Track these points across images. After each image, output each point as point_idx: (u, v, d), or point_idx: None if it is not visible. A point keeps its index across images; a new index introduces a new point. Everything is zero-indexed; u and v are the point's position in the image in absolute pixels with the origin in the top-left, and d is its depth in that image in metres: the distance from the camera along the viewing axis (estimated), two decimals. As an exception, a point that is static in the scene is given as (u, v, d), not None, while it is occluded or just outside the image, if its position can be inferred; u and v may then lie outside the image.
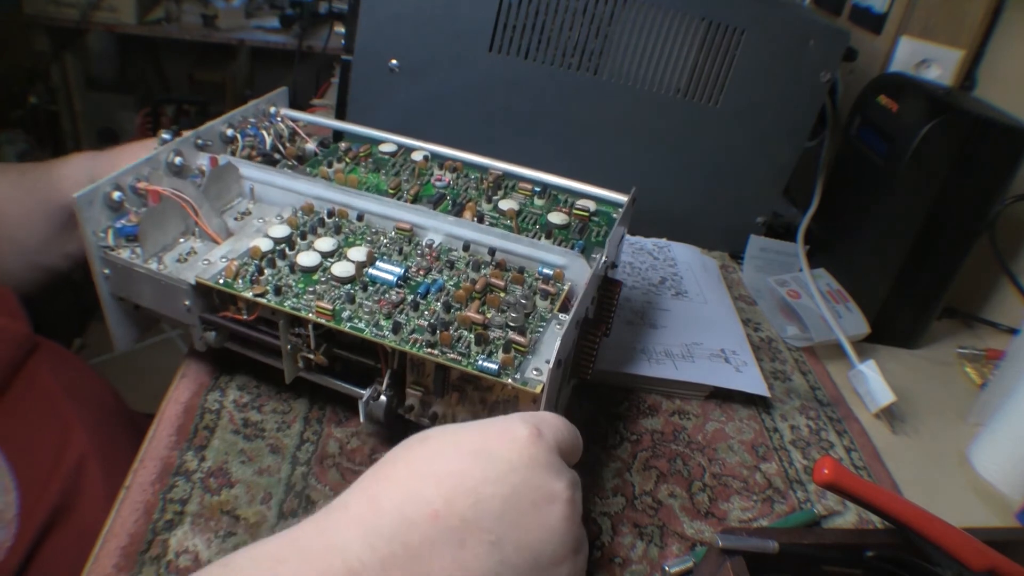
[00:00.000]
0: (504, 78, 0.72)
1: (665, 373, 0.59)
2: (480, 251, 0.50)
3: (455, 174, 0.59)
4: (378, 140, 0.62)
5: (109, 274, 0.48)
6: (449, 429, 0.36)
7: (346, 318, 0.44)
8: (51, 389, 0.56)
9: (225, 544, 0.41)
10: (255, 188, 0.54)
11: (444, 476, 0.33)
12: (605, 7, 0.70)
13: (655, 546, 0.47)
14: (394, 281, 0.46)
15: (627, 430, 0.56)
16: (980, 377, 0.73)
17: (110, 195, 0.47)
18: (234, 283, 0.45)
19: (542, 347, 0.43)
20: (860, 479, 0.38)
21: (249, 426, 0.49)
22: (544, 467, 0.35)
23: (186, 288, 0.46)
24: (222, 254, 0.48)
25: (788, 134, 0.77)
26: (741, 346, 0.64)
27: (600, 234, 0.54)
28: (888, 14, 0.86)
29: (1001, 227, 0.75)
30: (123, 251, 0.47)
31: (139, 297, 0.48)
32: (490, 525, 0.32)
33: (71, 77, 2.19)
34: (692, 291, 0.72)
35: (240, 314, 0.47)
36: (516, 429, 0.35)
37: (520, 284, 0.47)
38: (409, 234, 0.51)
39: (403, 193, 0.55)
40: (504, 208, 0.54)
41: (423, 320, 0.44)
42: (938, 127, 0.66)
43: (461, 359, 0.41)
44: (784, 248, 0.80)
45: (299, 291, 0.45)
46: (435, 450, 0.35)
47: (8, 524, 0.47)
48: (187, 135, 0.54)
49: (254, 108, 0.60)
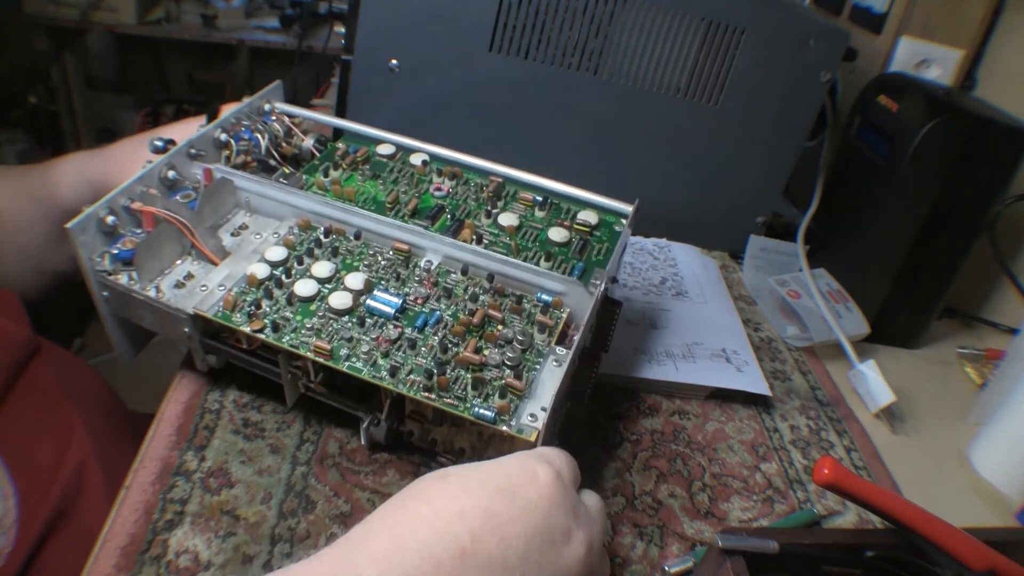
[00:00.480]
0: (504, 78, 0.72)
1: (666, 375, 0.59)
2: (479, 274, 0.49)
3: (455, 181, 0.57)
4: (376, 140, 0.60)
5: (108, 296, 0.48)
6: (470, 468, 0.36)
7: (344, 356, 0.43)
8: (52, 393, 0.56)
9: (225, 544, 0.41)
10: (251, 200, 0.53)
11: (471, 514, 0.33)
12: (605, 7, 0.69)
13: (655, 546, 0.47)
14: (392, 313, 0.46)
15: (627, 430, 0.56)
16: (980, 377, 0.73)
17: (103, 220, 0.46)
18: (232, 315, 0.45)
19: (538, 389, 0.43)
20: (860, 479, 0.38)
21: (249, 426, 0.49)
22: (562, 508, 0.35)
23: (185, 318, 0.45)
24: (220, 280, 0.47)
25: (788, 134, 0.77)
26: (742, 346, 0.64)
27: (601, 251, 0.53)
28: (888, 14, 0.86)
29: (1001, 227, 0.75)
30: (121, 276, 0.47)
31: (140, 320, 0.48)
32: (515, 564, 0.33)
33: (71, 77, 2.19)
34: (692, 291, 0.72)
35: (240, 343, 0.47)
36: (537, 469, 0.36)
37: (518, 314, 0.47)
38: (407, 255, 0.50)
39: (401, 207, 0.54)
40: (504, 224, 0.53)
41: (421, 358, 0.44)
42: (938, 127, 0.66)
43: (458, 404, 0.41)
44: (784, 248, 0.80)
45: (297, 325, 0.45)
46: (459, 488, 0.35)
47: (7, 530, 0.47)
48: (180, 145, 0.52)
49: (248, 106, 0.58)
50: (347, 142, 0.61)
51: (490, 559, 0.32)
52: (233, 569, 0.40)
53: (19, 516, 0.48)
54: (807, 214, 0.81)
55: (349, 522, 0.44)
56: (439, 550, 0.32)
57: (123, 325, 0.51)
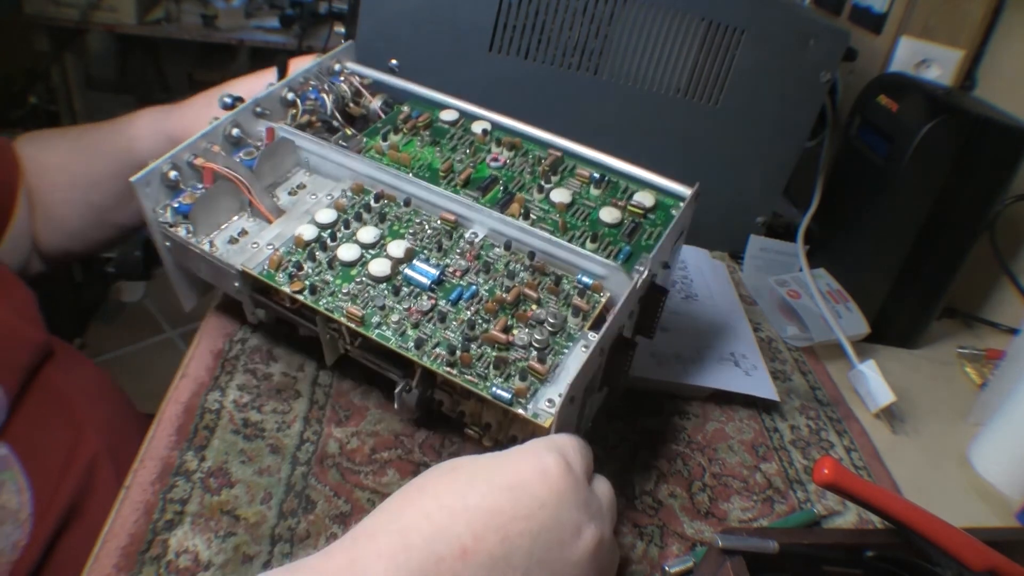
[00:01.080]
0: (504, 78, 0.72)
1: (675, 377, 0.59)
2: (521, 250, 0.49)
3: (513, 152, 0.56)
4: (440, 104, 0.59)
5: (170, 247, 0.51)
6: (479, 461, 0.36)
7: (375, 324, 0.45)
8: (64, 391, 0.57)
9: (225, 544, 0.41)
10: (311, 160, 0.55)
11: (474, 512, 0.33)
12: (605, 7, 0.69)
13: (655, 546, 0.47)
14: (427, 284, 0.46)
15: (627, 430, 0.56)
16: (980, 377, 0.73)
17: (166, 174, 0.49)
18: (276, 275, 0.47)
19: (562, 374, 0.42)
20: (860, 479, 0.38)
21: (249, 426, 0.49)
22: (572, 503, 0.35)
23: (235, 272, 0.48)
24: (271, 238, 0.50)
25: (788, 134, 0.77)
26: (750, 349, 0.64)
27: (652, 236, 0.51)
28: (888, 14, 0.86)
29: (1001, 227, 0.75)
30: (180, 228, 0.49)
31: (197, 270, 0.51)
32: (518, 562, 0.32)
33: (71, 77, 2.18)
34: (702, 294, 0.72)
35: (283, 302, 0.49)
36: (546, 462, 0.35)
37: (555, 295, 0.47)
38: (453, 225, 0.50)
39: (455, 176, 0.53)
40: (555, 200, 0.52)
41: (450, 332, 0.44)
42: (938, 127, 0.66)
43: (478, 382, 0.42)
44: (784, 248, 0.80)
45: (335, 289, 0.46)
46: (466, 484, 0.34)
47: (23, 523, 0.48)
48: (247, 103, 0.54)
49: (317, 66, 0.58)
50: (412, 106, 0.60)
51: (492, 558, 0.32)
52: (233, 569, 0.40)
53: (34, 510, 0.49)
54: (807, 214, 0.81)
55: (349, 522, 0.44)
56: (441, 548, 0.32)
57: (184, 274, 0.54)
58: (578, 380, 0.39)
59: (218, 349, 0.54)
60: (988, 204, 0.69)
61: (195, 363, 0.53)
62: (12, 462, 0.49)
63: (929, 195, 0.68)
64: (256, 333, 0.56)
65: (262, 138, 0.54)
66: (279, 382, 0.53)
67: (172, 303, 0.57)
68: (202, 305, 0.58)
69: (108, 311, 2.04)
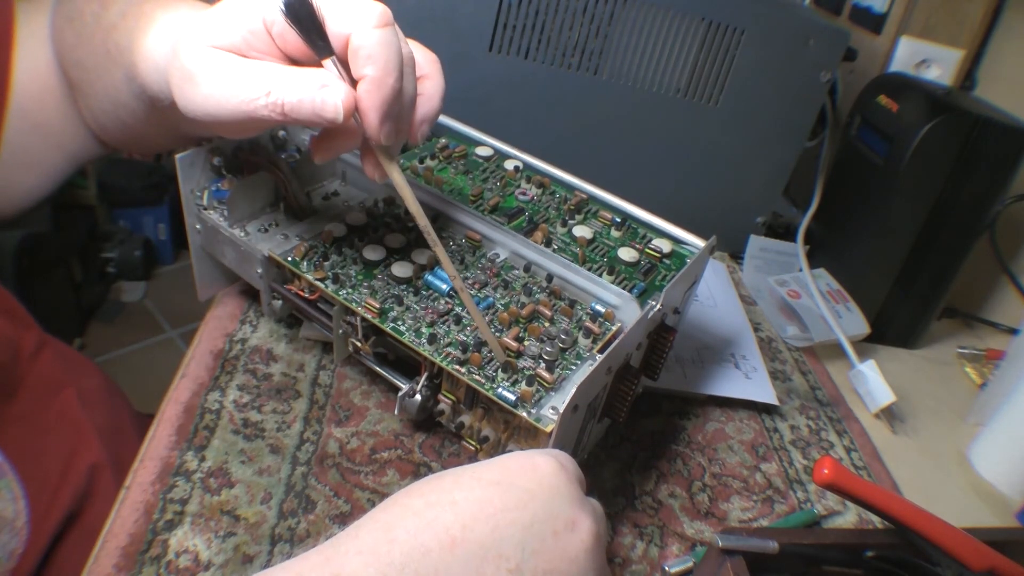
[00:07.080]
0: (504, 78, 0.72)
1: (675, 380, 0.59)
2: (540, 273, 0.50)
3: (541, 190, 0.58)
4: (476, 141, 0.62)
5: (200, 229, 0.52)
6: (467, 466, 0.35)
7: (391, 318, 0.45)
8: (61, 393, 0.56)
9: (225, 544, 0.41)
10: (347, 172, 0.57)
11: (463, 503, 0.32)
12: (605, 7, 0.69)
13: (655, 546, 0.47)
14: (447, 291, 0.47)
15: (627, 430, 0.56)
16: (980, 377, 0.73)
17: (211, 159, 0.51)
18: (300, 263, 0.48)
19: (568, 386, 0.43)
20: (860, 479, 0.38)
21: (249, 426, 0.49)
22: (565, 496, 0.34)
23: (260, 258, 0.49)
24: (299, 232, 0.51)
25: (788, 134, 0.77)
26: (751, 350, 0.64)
27: (666, 279, 0.52)
28: (888, 14, 0.86)
29: (1001, 227, 0.75)
30: (214, 212, 0.51)
31: (222, 256, 0.52)
32: (509, 552, 0.31)
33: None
34: (703, 295, 0.72)
35: (303, 291, 0.49)
36: (537, 460, 0.35)
37: (568, 316, 0.47)
38: (477, 244, 0.52)
39: (483, 202, 0.55)
40: (577, 235, 0.53)
41: (462, 335, 0.45)
42: (938, 127, 0.66)
43: (485, 382, 0.42)
44: (784, 248, 0.80)
45: (356, 283, 0.47)
46: (452, 482, 0.34)
47: (19, 531, 0.47)
48: None
49: None
50: (449, 138, 0.62)
51: (482, 547, 0.31)
52: (233, 569, 0.40)
53: (30, 518, 0.48)
54: (807, 214, 0.81)
55: (349, 522, 0.44)
56: (427, 539, 0.31)
57: (207, 262, 0.55)
58: (584, 389, 0.38)
59: (218, 349, 0.54)
60: (988, 204, 0.69)
61: (195, 363, 0.53)
62: (6, 469, 0.48)
63: (929, 195, 0.68)
64: (256, 333, 0.56)
65: (305, 144, 0.56)
66: (279, 382, 0.53)
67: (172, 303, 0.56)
68: (202, 305, 0.58)
69: (108, 311, 2.05)
